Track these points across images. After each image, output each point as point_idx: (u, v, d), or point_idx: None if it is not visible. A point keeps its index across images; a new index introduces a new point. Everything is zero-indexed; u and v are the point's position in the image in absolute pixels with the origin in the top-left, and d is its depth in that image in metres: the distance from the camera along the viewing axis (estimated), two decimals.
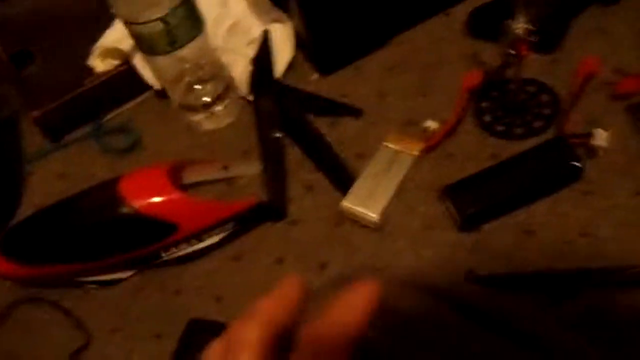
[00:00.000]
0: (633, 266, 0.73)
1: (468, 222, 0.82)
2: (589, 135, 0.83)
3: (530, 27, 0.80)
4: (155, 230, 0.84)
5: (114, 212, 0.83)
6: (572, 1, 0.98)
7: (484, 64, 0.99)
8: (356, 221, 0.88)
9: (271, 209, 0.91)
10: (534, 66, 0.98)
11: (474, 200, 0.83)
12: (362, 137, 0.98)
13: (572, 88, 0.91)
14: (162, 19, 0.85)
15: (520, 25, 0.79)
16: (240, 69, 1.04)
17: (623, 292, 0.74)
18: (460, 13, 1.08)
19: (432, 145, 0.92)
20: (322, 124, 1.01)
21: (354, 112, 1.00)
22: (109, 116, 1.12)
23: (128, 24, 0.88)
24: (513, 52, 0.82)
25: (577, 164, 0.82)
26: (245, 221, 0.89)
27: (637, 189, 0.81)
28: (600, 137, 0.82)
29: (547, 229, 0.81)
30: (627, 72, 0.90)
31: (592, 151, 0.84)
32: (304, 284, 0.45)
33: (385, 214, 0.87)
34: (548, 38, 0.97)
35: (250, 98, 1.04)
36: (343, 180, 0.91)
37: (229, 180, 0.97)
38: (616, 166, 0.84)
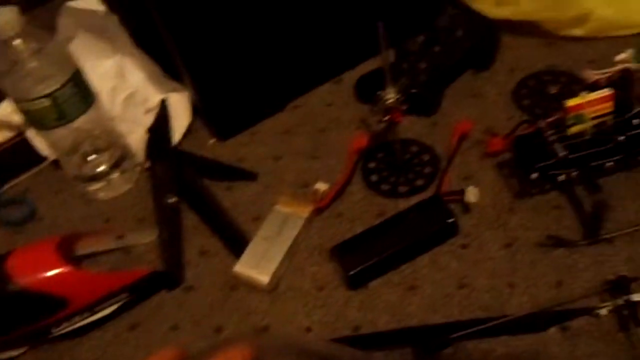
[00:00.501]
0: (504, 316, 0.79)
1: (355, 281, 0.86)
2: (462, 192, 0.89)
3: (401, 96, 0.87)
4: (43, 306, 0.83)
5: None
6: (447, 70, 1.07)
7: (371, 127, 1.06)
8: (249, 285, 0.90)
9: (166, 277, 0.91)
10: (416, 128, 1.05)
11: (360, 259, 0.87)
12: (257, 201, 1.01)
13: (449, 148, 0.99)
14: (49, 96, 0.87)
15: (390, 96, 0.86)
16: (137, 137, 1.07)
17: (496, 342, 0.79)
18: (350, 79, 1.15)
19: (322, 207, 0.96)
20: (218, 189, 1.04)
21: (250, 176, 1.04)
22: (4, 188, 1.11)
23: (16, 100, 0.89)
24: (386, 118, 0.88)
25: (452, 220, 0.88)
26: (140, 291, 0.90)
27: (507, 241, 0.88)
28: (472, 194, 0.88)
29: (429, 283, 0.86)
30: (496, 132, 0.99)
31: (466, 207, 0.91)
32: (181, 351, 0.47)
33: (276, 277, 0.89)
34: (427, 103, 1.05)
35: (147, 165, 1.06)
36: (237, 245, 0.93)
37: (124, 249, 0.98)
38: (488, 220, 0.91)
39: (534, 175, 0.83)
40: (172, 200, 0.99)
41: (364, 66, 1.15)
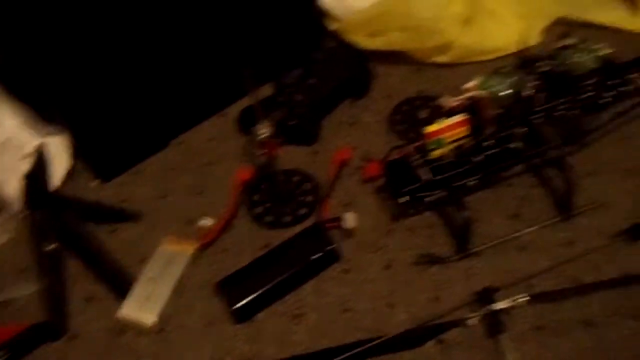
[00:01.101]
0: (384, 335, 0.83)
1: (240, 314, 0.87)
2: (340, 219, 0.93)
3: (274, 130, 0.89)
4: None
5: None
6: (324, 101, 1.11)
7: (254, 159, 1.08)
8: (136, 327, 0.89)
9: (48, 329, 0.89)
10: (298, 158, 1.09)
11: (244, 292, 0.88)
12: (143, 242, 1.00)
13: (330, 175, 1.02)
14: None
15: (264, 131, 0.88)
16: (13, 186, 1.03)
17: None
18: (235, 112, 1.17)
19: (207, 243, 0.97)
20: (102, 232, 1.02)
21: (134, 217, 1.02)
22: None
23: None
24: (263, 152, 0.91)
25: (332, 247, 0.91)
26: (19, 347, 0.86)
27: (386, 263, 0.92)
28: (350, 220, 0.92)
29: (314, 310, 0.89)
30: (372, 158, 1.03)
31: (346, 233, 0.94)
32: None
33: (163, 316, 0.89)
34: (306, 134, 1.08)
35: (26, 214, 1.02)
36: (123, 288, 0.92)
37: (3, 304, 0.94)
38: (368, 244, 0.95)
39: (403, 199, 0.88)
40: (52, 247, 0.96)
41: (248, 99, 1.18)
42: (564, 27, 1.21)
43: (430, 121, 0.90)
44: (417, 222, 0.96)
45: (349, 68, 1.14)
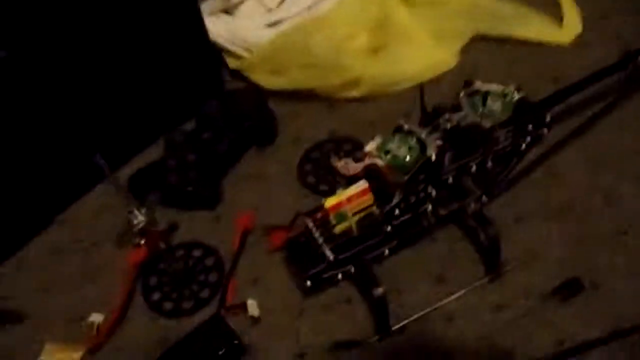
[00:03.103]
0: None
1: None
2: (244, 305, 0.82)
3: (152, 217, 0.77)
4: None
5: None
6: (222, 156, 0.98)
7: (148, 236, 0.95)
8: None
9: None
10: (199, 226, 0.96)
11: None
12: (25, 346, 0.86)
13: (233, 247, 0.91)
14: None
15: (139, 219, 0.76)
16: None
17: None
18: (126, 175, 1.03)
19: (98, 344, 0.84)
20: None
21: (15, 318, 0.89)
22: None
23: None
24: (142, 242, 0.79)
25: (237, 342, 0.79)
26: None
27: (299, 351, 0.81)
28: (253, 308, 0.81)
29: None
30: (277, 225, 0.91)
31: (253, 319, 0.83)
32: None
33: None
34: (203, 199, 0.96)
35: None
36: None
37: None
38: (278, 329, 0.83)
39: (308, 284, 0.77)
40: None
41: (141, 157, 1.05)
42: (482, 44, 1.12)
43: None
44: (333, 296, 0.85)
45: (250, 114, 1.02)
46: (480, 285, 0.82)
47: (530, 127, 0.77)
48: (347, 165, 0.75)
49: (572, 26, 1.12)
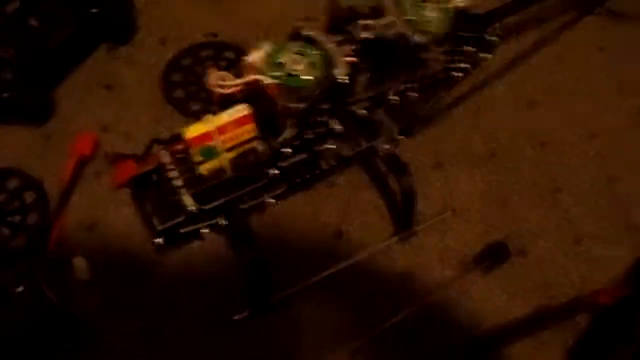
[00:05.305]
0: None
1: None
2: (70, 264, 0.59)
3: None
4: None
5: None
6: (58, 54, 0.70)
7: None
8: None
9: None
10: (20, 147, 0.70)
11: None
12: None
13: (64, 177, 0.67)
14: None
15: None
16: None
17: None
18: None
19: None
20: None
21: None
22: None
23: None
24: None
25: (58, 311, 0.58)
26: None
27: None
28: (81, 268, 0.59)
29: None
30: (127, 153, 0.67)
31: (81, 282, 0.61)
32: None
33: None
34: (27, 110, 0.70)
35: None
36: None
37: None
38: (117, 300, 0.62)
39: (158, 241, 0.56)
40: None
41: None
42: None
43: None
44: (197, 252, 0.65)
45: None
46: (388, 246, 0.65)
47: (470, 48, 0.58)
48: (221, 81, 0.52)
49: None
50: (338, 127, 0.56)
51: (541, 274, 0.65)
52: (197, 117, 0.64)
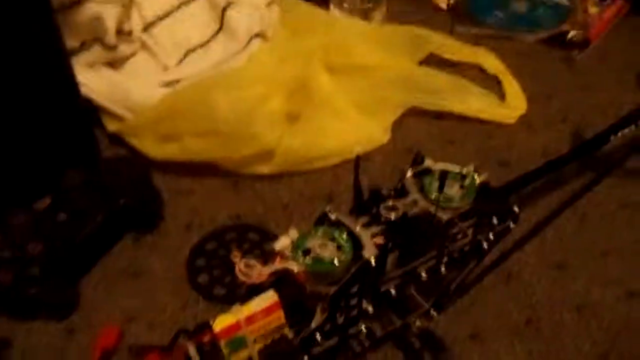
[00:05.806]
0: None
1: None
2: None
3: None
4: None
5: None
6: (82, 247, 0.72)
7: None
8: None
9: None
10: (43, 342, 0.69)
11: None
12: None
13: None
14: None
15: None
16: None
17: None
18: None
19: None
20: None
21: None
22: None
23: None
24: None
25: None
26: None
27: None
28: None
29: None
30: (150, 343, 0.66)
31: None
32: None
33: None
34: (52, 307, 0.70)
35: None
36: None
37: None
38: None
39: None
40: None
41: None
42: (417, 119, 0.96)
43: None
44: None
45: (126, 189, 0.78)
46: None
47: (495, 219, 0.59)
48: (249, 269, 0.52)
49: (516, 104, 0.99)
50: (370, 308, 0.54)
51: None
52: (221, 301, 0.64)
